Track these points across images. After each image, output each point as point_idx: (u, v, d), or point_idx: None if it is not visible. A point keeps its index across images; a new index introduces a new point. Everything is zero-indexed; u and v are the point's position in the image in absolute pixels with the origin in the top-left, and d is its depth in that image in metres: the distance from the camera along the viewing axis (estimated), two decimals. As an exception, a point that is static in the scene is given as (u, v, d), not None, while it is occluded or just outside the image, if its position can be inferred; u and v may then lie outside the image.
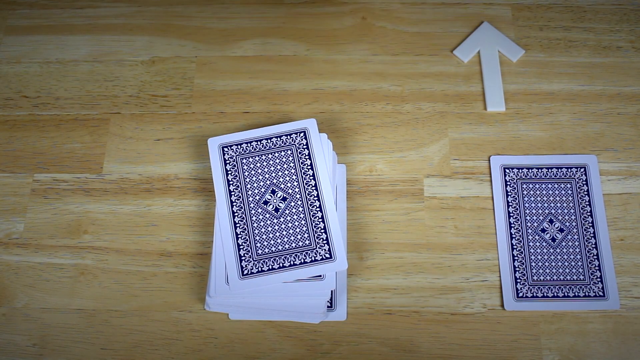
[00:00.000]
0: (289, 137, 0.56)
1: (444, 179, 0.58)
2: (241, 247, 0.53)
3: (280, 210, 0.54)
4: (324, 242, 0.52)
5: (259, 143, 0.57)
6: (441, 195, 0.57)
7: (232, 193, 0.55)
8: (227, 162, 0.56)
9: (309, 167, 0.55)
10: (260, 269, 0.52)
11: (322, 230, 0.53)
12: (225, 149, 0.57)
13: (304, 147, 0.56)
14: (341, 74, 0.63)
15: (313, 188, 0.54)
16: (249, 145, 0.57)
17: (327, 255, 0.52)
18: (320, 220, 0.53)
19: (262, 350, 0.52)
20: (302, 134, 0.56)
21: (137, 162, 0.59)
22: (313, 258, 0.52)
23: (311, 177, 0.55)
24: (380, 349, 0.52)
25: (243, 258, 0.53)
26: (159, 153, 0.60)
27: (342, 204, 0.57)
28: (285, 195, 0.54)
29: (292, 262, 0.52)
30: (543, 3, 0.66)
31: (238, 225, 0.54)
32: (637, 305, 0.53)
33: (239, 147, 0.57)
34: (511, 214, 0.56)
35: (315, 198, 0.54)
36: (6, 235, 0.57)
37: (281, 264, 0.52)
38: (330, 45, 0.64)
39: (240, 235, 0.53)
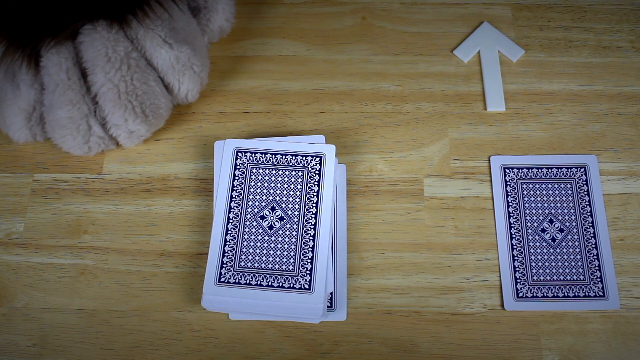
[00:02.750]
0: (304, 157, 0.56)
1: (444, 179, 0.58)
2: (226, 254, 0.53)
3: (274, 229, 0.54)
4: (307, 272, 0.52)
5: (273, 156, 0.56)
6: (441, 195, 0.57)
7: (234, 199, 0.55)
8: (238, 167, 0.56)
9: (315, 194, 0.54)
10: (237, 280, 0.52)
11: (309, 260, 0.52)
12: (240, 154, 0.56)
13: (316, 172, 0.55)
14: (341, 74, 0.63)
15: (313, 216, 0.54)
16: (263, 155, 0.56)
17: (306, 286, 0.51)
18: (310, 249, 0.53)
19: (262, 350, 0.52)
20: (317, 159, 0.56)
21: (137, 162, 0.59)
22: (291, 285, 0.51)
23: (314, 205, 0.54)
24: (380, 349, 0.52)
25: (224, 265, 0.52)
26: (159, 153, 0.60)
27: (342, 204, 0.57)
28: (283, 216, 0.54)
29: (269, 283, 0.52)
30: (543, 3, 0.66)
31: (229, 232, 0.54)
32: (637, 305, 0.53)
33: (254, 155, 0.56)
34: (511, 214, 0.56)
35: (312, 226, 0.53)
36: (6, 235, 0.57)
37: (259, 282, 0.52)
38: (330, 45, 0.64)
39: (228, 243, 0.53)
